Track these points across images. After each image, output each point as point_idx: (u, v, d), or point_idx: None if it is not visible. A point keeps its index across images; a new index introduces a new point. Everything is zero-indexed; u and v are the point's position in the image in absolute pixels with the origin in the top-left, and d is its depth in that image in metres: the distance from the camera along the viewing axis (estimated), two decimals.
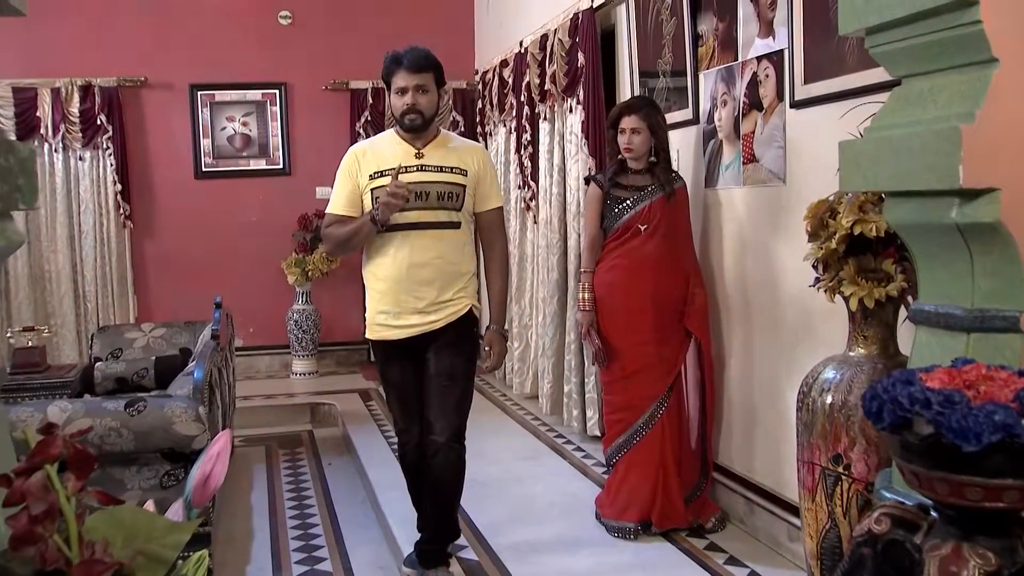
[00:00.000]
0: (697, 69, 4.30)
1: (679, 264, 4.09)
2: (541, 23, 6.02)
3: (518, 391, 6.73)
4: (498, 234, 3.65)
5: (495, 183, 3.63)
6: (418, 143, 3.48)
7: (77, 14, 7.57)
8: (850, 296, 2.54)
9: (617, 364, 4.11)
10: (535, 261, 6.30)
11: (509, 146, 6.86)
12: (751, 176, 3.89)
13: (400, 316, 3.46)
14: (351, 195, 3.48)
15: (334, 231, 3.50)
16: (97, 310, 7.66)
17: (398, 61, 3.42)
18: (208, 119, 7.94)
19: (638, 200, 4.06)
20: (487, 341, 3.61)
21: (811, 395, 2.60)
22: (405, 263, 3.42)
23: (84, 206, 7.61)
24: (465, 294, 3.52)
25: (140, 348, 5.82)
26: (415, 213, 3.39)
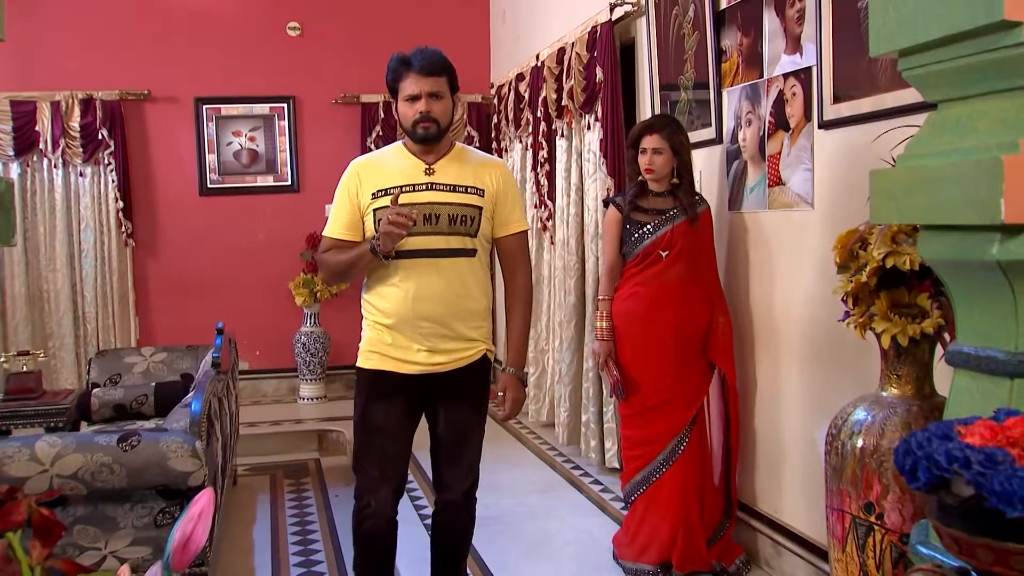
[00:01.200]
0: (720, 86, 4.24)
1: (702, 292, 4.03)
2: (558, 36, 5.99)
3: (534, 419, 6.67)
4: (521, 263, 3.29)
5: (518, 204, 3.27)
6: (429, 157, 3.14)
7: (78, 25, 7.59)
8: (882, 333, 2.47)
9: (636, 397, 4.04)
10: (552, 283, 6.25)
11: (525, 163, 6.82)
12: (777, 199, 3.83)
13: (403, 353, 3.13)
14: (351, 216, 3.15)
15: (331, 258, 3.18)
16: (97, 332, 7.64)
17: (407, 64, 3.07)
18: (214, 134, 7.93)
19: (659, 224, 4.00)
20: (501, 385, 3.24)
21: (840, 438, 2.53)
22: (410, 296, 3.08)
23: (84, 224, 7.59)
24: (479, 335, 3.20)
25: (140, 374, 5.78)
26: (423, 239, 3.06)
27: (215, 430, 4.16)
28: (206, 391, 4.05)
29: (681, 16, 4.53)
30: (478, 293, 3.17)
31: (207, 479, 3.57)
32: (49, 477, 3.33)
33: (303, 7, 7.97)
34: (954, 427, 1.50)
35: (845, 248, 2.62)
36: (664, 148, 3.98)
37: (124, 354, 6.00)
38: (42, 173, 7.52)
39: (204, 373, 4.52)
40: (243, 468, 5.95)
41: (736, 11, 4.09)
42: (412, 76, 3.06)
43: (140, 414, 5.33)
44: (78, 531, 3.44)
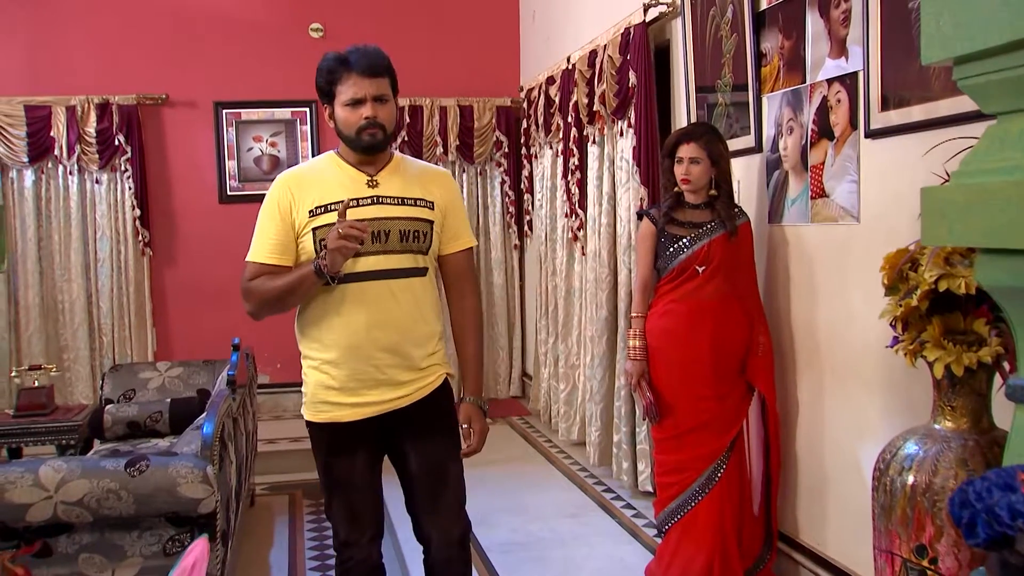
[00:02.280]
0: (760, 92, 4.16)
1: (741, 309, 3.95)
2: (590, 37, 5.93)
3: (564, 437, 6.60)
4: (470, 282, 3.08)
5: (466, 217, 3.07)
6: (370, 168, 2.89)
7: (94, 27, 7.61)
8: (935, 362, 2.37)
9: (671, 420, 3.96)
10: (583, 296, 6.18)
11: (556, 170, 6.77)
12: (820, 212, 3.73)
13: (356, 392, 2.86)
14: (282, 237, 2.85)
15: (260, 286, 2.85)
16: (113, 344, 7.65)
17: (345, 63, 2.79)
18: (234, 139, 7.92)
19: (696, 238, 3.93)
20: (464, 417, 3.01)
21: (889, 473, 2.43)
22: (363, 325, 2.82)
23: (100, 232, 7.61)
24: (437, 359, 2.97)
25: (154, 389, 5.76)
26: (373, 259, 2.81)
27: (228, 452, 4.11)
28: (219, 411, 4.00)
29: (719, 17, 4.45)
30: (432, 316, 2.96)
31: (219, 505, 3.51)
32: (53, 504, 3.29)
33: (326, 8, 7.95)
34: (1017, 475, 1.41)
35: (894, 269, 2.52)
36: (702, 157, 3.90)
37: (139, 369, 5.98)
38: (57, 180, 7.54)
39: (218, 392, 4.47)
40: (261, 487, 5.91)
41: (777, 12, 4.00)
42: (353, 78, 2.78)
43: (154, 431, 5.32)
44: (84, 560, 3.39)
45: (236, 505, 4.24)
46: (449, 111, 7.93)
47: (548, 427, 7.02)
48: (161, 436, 5.33)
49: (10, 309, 7.47)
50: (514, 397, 8.26)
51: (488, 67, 8.13)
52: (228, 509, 3.87)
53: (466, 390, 3.05)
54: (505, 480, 5.76)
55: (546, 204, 7.03)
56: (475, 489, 2.93)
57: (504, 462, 6.15)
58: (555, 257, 6.81)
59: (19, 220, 7.47)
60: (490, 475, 5.70)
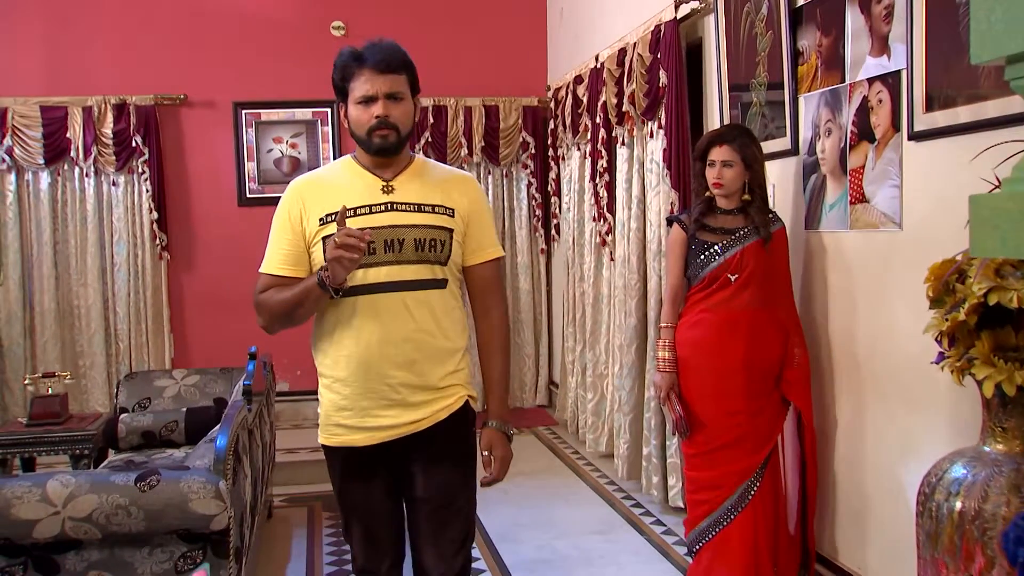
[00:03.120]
0: (797, 91, 4.09)
1: (776, 320, 3.87)
2: (619, 35, 5.87)
3: (592, 449, 6.53)
4: (496, 296, 2.92)
5: (492, 226, 2.92)
6: (386, 173, 2.76)
7: (111, 27, 7.61)
8: (984, 380, 2.28)
9: (702, 435, 3.89)
10: (611, 303, 6.11)
11: (584, 172, 6.72)
12: (860, 218, 3.65)
13: (369, 413, 2.75)
14: (293, 248, 2.76)
15: (270, 299, 2.76)
16: (130, 350, 7.65)
17: (359, 59, 2.68)
18: (253, 140, 7.90)
19: (728, 245, 3.86)
20: (485, 443, 2.86)
21: (935, 498, 2.34)
22: (375, 340, 2.70)
23: (117, 236, 7.61)
24: (458, 379, 2.82)
25: (170, 398, 5.74)
26: (386, 269, 2.69)
27: (243, 466, 4.07)
28: (233, 424, 3.96)
29: (753, 14, 4.38)
30: (453, 331, 2.81)
31: (232, 521, 3.47)
32: (61, 520, 3.26)
33: (348, 5, 7.92)
34: None
35: (940, 280, 2.44)
36: (735, 161, 3.83)
37: (154, 377, 5.96)
38: (73, 182, 7.55)
39: (233, 403, 4.43)
40: (279, 499, 5.88)
41: (815, 8, 3.93)
42: (366, 74, 2.66)
43: (170, 441, 5.31)
44: None
45: (251, 520, 4.19)
46: (474, 111, 7.88)
47: (575, 438, 6.95)
48: (176, 446, 5.31)
49: (25, 314, 7.48)
50: (540, 406, 8.20)
51: (514, 66, 8.08)
52: (242, 525, 3.83)
53: (490, 413, 2.89)
54: (530, 494, 5.69)
55: (574, 207, 6.97)
56: (499, 503, 2.85)
57: (529, 474, 6.09)
58: (583, 262, 6.75)
59: (34, 223, 7.48)
60: (515, 488, 5.63)
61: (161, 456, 5.11)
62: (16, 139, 7.33)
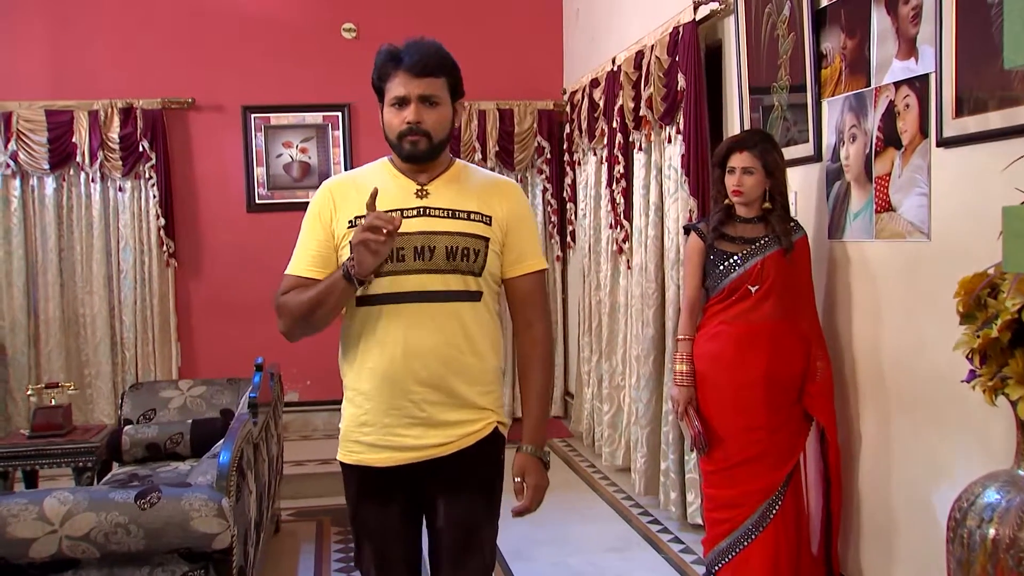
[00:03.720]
0: (820, 95, 4.03)
1: (798, 332, 3.81)
2: (636, 37, 5.82)
3: (608, 462, 6.46)
4: (538, 310, 2.76)
5: (535, 235, 2.78)
6: (421, 177, 2.66)
7: (118, 29, 7.61)
8: (1018, 401, 2.20)
9: (721, 452, 3.84)
10: (628, 312, 6.04)
11: (600, 178, 6.67)
12: (886, 228, 3.59)
13: (391, 431, 2.62)
14: (321, 249, 2.65)
15: (291, 299, 2.63)
16: (136, 359, 7.63)
17: (395, 59, 2.57)
18: (262, 145, 7.88)
19: (748, 255, 3.80)
20: (518, 469, 2.71)
21: (967, 524, 2.26)
22: (399, 352, 2.58)
23: (124, 242, 7.59)
24: (488, 402, 2.69)
25: (176, 409, 5.71)
26: (415, 278, 2.58)
27: (247, 482, 4.02)
28: (237, 439, 3.91)
29: (775, 15, 4.32)
30: (485, 348, 2.68)
31: (235, 540, 3.42)
32: (58, 538, 3.23)
33: (359, 7, 7.90)
34: None
35: (971, 295, 2.36)
36: (755, 167, 3.78)
37: (159, 388, 5.93)
38: (79, 188, 7.53)
39: (238, 417, 4.39)
40: (287, 512, 5.83)
41: (839, 9, 3.87)
42: (400, 75, 2.55)
43: (175, 454, 5.28)
44: None
45: (256, 537, 4.15)
46: (488, 115, 7.83)
47: (591, 451, 6.88)
48: (182, 459, 5.28)
49: (30, 322, 7.46)
50: (555, 417, 8.12)
51: (529, 68, 8.04)
52: (246, 543, 3.78)
53: (524, 436, 2.73)
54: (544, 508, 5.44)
55: (590, 214, 6.91)
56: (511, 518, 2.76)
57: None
58: (599, 270, 6.69)
59: (39, 230, 7.47)
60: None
61: (166, 469, 5.08)
62: (21, 144, 7.32)
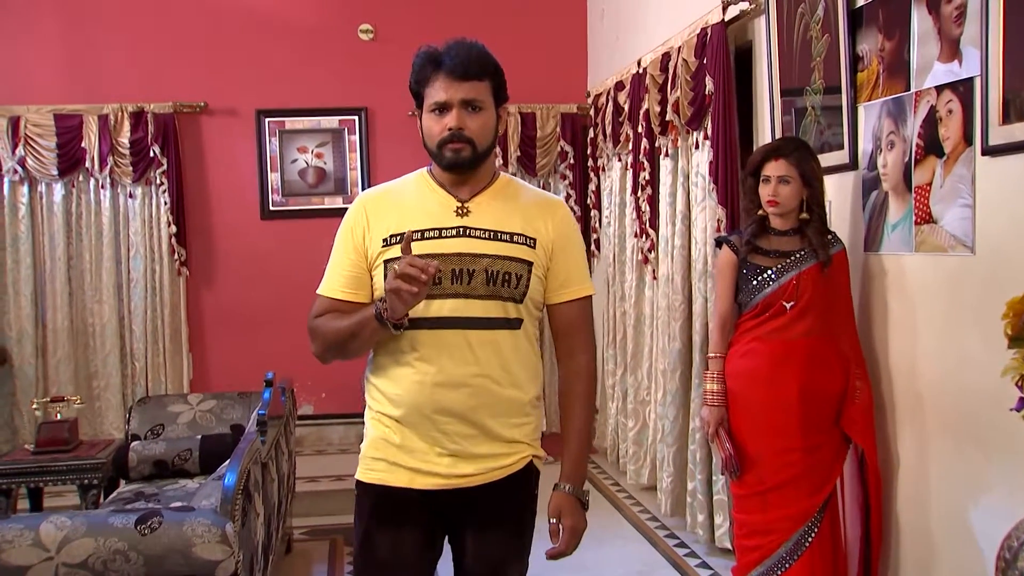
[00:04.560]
0: (856, 100, 3.93)
1: (836, 350, 3.72)
2: (663, 39, 5.74)
3: (633, 480, 6.37)
4: (583, 338, 2.66)
5: (582, 259, 2.67)
6: (462, 192, 2.55)
7: (128, 31, 7.57)
8: None
9: (754, 475, 3.75)
10: (654, 324, 5.95)
11: (625, 185, 6.59)
12: (927, 240, 3.49)
13: (419, 457, 2.52)
14: (354, 269, 2.57)
15: (325, 325, 2.56)
16: (146, 371, 7.57)
17: (435, 62, 2.48)
18: (277, 150, 7.81)
19: (783, 269, 3.72)
20: (554, 508, 2.59)
21: (1017, 565, 2.15)
22: (429, 381, 2.47)
23: (134, 250, 7.53)
24: (524, 435, 2.58)
25: (184, 424, 5.66)
26: (451, 303, 2.48)
27: (254, 504, 3.94)
28: (244, 459, 3.83)
29: (808, 16, 4.23)
30: (524, 379, 2.57)
31: (241, 566, 3.34)
32: (55, 566, 3.15)
33: (377, 7, 7.83)
34: None
35: (1020, 317, 2.26)
36: (792, 176, 3.70)
37: (168, 402, 5.88)
38: (88, 194, 7.48)
39: (245, 436, 4.31)
40: (299, 531, 5.77)
41: (877, 9, 3.77)
42: (441, 79, 2.46)
43: (183, 471, 5.24)
44: None
45: (264, 561, 4.07)
46: (510, 119, 7.73)
47: (615, 468, 6.78)
48: (190, 476, 5.25)
49: (37, 332, 7.41)
50: None
51: (552, 70, 7.94)
52: (253, 568, 3.71)
53: (563, 474, 2.62)
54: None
55: (614, 222, 6.82)
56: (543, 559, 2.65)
57: None
58: (623, 281, 6.61)
59: (47, 237, 7.42)
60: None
61: (173, 487, 5.03)
62: (29, 149, 7.28)
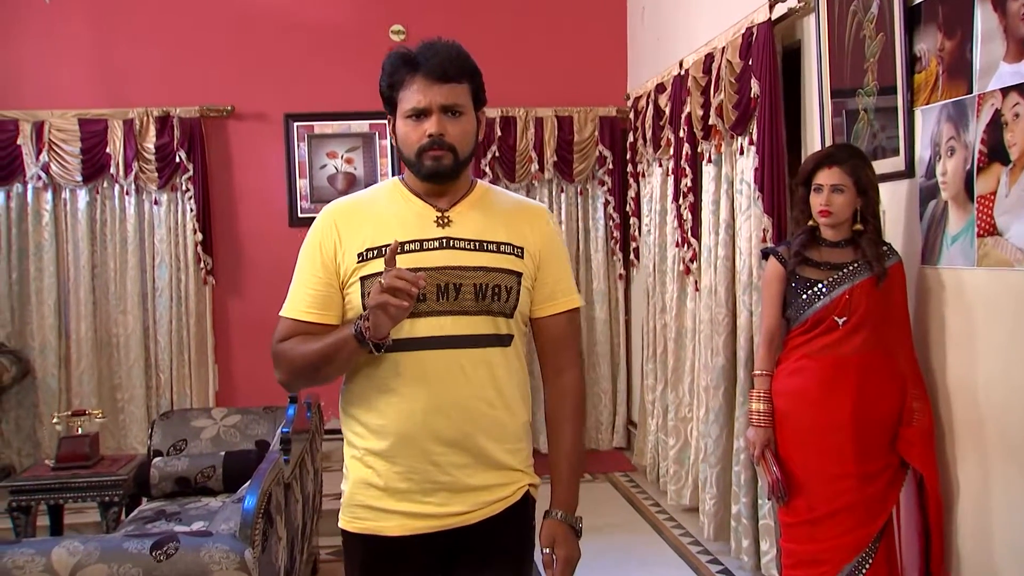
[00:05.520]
0: (912, 104, 3.79)
1: (892, 369, 3.59)
2: (706, 39, 5.63)
3: (674, 501, 6.24)
4: (571, 354, 2.56)
5: (569, 267, 2.56)
6: (441, 201, 2.43)
7: (153, 34, 7.57)
8: None
9: (803, 501, 3.63)
10: (696, 338, 5.83)
11: (666, 192, 6.47)
12: (990, 254, 3.34)
13: (407, 498, 2.38)
14: (323, 288, 2.41)
15: (292, 350, 2.42)
16: (171, 383, 7.57)
17: (411, 64, 2.35)
18: (306, 155, 7.79)
19: (835, 283, 3.60)
20: (547, 537, 2.47)
21: None
22: (419, 408, 2.34)
23: (159, 258, 7.54)
24: (518, 462, 2.46)
25: (208, 440, 5.60)
26: (438, 321, 2.35)
27: (276, 528, 3.86)
28: (265, 481, 3.76)
29: (861, 13, 4.11)
30: (516, 401, 2.45)
31: None
32: None
33: (408, 7, 7.78)
34: None
35: None
36: (846, 185, 3.59)
37: (192, 416, 5.83)
38: (113, 201, 7.50)
39: (268, 456, 4.23)
40: (326, 551, 5.68)
41: (936, 6, 3.63)
42: (418, 82, 2.33)
43: (206, 489, 5.18)
44: None
45: None
46: (546, 122, 7.66)
47: (656, 487, 6.65)
48: (214, 494, 5.18)
49: (60, 343, 7.43)
50: (617, 448, 7.91)
51: (591, 72, 7.86)
52: None
53: (554, 500, 2.51)
54: (603, 552, 5.40)
55: (655, 230, 6.71)
56: None
57: (603, 529, 5.79)
58: (664, 292, 6.49)
59: (71, 245, 7.43)
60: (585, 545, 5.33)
61: (196, 506, 4.98)
62: (53, 155, 7.30)
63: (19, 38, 7.45)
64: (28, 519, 5.33)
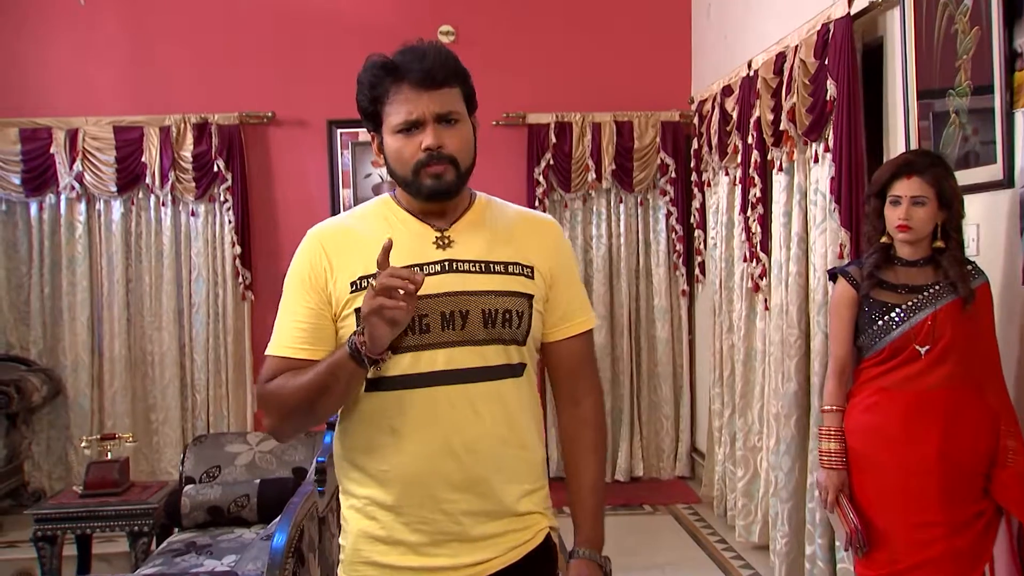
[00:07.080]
0: (1011, 105, 3.62)
1: (981, 403, 3.39)
2: (777, 37, 5.50)
3: (742, 538, 6.04)
4: (589, 379, 2.45)
5: (582, 285, 2.45)
6: (440, 220, 2.30)
7: (190, 37, 7.55)
8: None
9: (884, 553, 3.42)
10: (766, 361, 5.66)
11: (733, 202, 6.33)
12: None
13: (415, 551, 2.24)
14: (313, 319, 2.26)
15: (282, 387, 2.23)
16: (208, 403, 7.51)
17: (393, 72, 2.22)
18: (349, 164, 7.72)
19: (914, 307, 3.40)
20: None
21: None
22: (426, 451, 2.21)
23: (196, 272, 7.50)
24: (536, 504, 2.33)
25: (243, 467, 5.52)
26: (444, 353, 2.21)
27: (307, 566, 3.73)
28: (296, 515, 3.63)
29: (953, 6, 3.96)
30: (531, 436, 2.33)
31: None
32: None
33: (458, 7, 7.69)
34: None
35: None
36: (928, 197, 3.39)
37: (225, 441, 5.76)
38: (148, 212, 7.46)
39: (302, 488, 4.10)
40: None
41: None
42: (405, 91, 2.20)
43: (239, 519, 5.11)
44: None
45: None
46: (604, 128, 7.52)
47: (723, 522, 6.45)
48: (247, 525, 5.12)
49: (93, 362, 7.40)
50: (681, 478, 7.72)
51: (652, 74, 7.72)
52: None
53: (579, 538, 2.39)
54: None
55: (721, 243, 6.55)
56: None
57: (664, 567, 5.61)
58: (731, 310, 6.34)
59: (105, 259, 7.41)
60: None
61: (228, 537, 4.92)
62: (87, 164, 7.27)
63: (52, 42, 7.44)
64: (54, 549, 5.30)
